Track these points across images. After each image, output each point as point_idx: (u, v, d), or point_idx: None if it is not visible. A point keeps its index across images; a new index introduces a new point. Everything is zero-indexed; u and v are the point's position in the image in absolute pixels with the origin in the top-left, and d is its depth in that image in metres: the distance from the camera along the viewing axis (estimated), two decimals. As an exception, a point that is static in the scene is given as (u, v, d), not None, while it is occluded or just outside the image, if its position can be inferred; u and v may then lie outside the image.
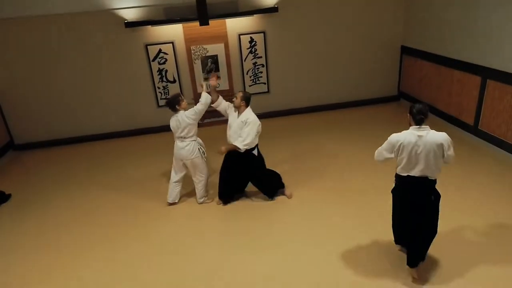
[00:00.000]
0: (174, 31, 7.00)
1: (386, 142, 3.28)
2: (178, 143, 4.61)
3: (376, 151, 3.41)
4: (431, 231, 3.34)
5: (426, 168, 3.11)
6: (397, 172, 3.31)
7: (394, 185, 3.43)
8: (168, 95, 7.40)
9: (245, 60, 7.43)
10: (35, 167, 6.57)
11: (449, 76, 6.40)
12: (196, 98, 7.41)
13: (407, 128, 3.22)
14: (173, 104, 4.53)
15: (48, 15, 6.48)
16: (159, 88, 7.36)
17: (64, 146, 7.34)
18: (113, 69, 7.11)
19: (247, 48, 7.35)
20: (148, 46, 7.02)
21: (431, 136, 3.08)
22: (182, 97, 4.67)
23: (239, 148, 4.35)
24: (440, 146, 3.07)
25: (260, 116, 7.65)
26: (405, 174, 3.22)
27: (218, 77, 4.43)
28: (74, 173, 6.13)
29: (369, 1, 7.36)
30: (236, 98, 4.45)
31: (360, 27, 7.53)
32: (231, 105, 4.62)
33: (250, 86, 7.62)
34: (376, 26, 7.58)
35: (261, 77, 7.62)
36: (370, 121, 7.23)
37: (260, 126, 4.47)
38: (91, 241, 4.37)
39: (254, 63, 7.49)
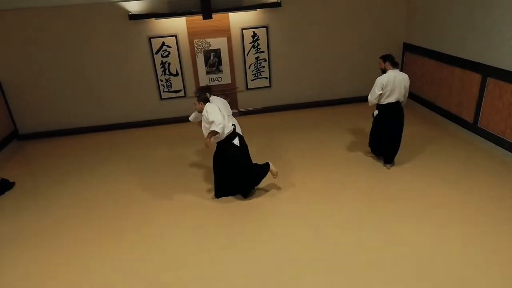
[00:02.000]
0: (177, 24, 7.04)
1: (376, 84, 4.89)
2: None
3: (369, 96, 5.00)
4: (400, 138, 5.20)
5: (399, 95, 4.93)
6: (381, 103, 5.01)
7: (376, 115, 5.16)
8: (171, 88, 7.48)
9: (247, 55, 7.47)
10: (38, 156, 6.66)
11: (450, 74, 6.43)
12: (198, 92, 7.50)
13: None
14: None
15: (53, 7, 6.54)
16: (161, 80, 7.42)
17: (67, 137, 7.43)
18: (116, 61, 7.17)
19: (250, 43, 7.39)
20: (151, 39, 7.07)
21: (401, 74, 4.91)
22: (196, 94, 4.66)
23: (217, 132, 4.27)
24: (407, 80, 4.94)
25: (262, 111, 7.87)
26: (386, 102, 4.96)
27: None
28: (77, 163, 6.22)
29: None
30: (196, 105, 4.50)
31: (362, 24, 7.55)
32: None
33: (252, 80, 7.67)
34: (378, 23, 7.60)
35: (263, 71, 7.66)
36: (370, 118, 7.24)
37: (219, 109, 4.40)
38: (92, 230, 4.45)
39: (257, 58, 7.53)
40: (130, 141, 7.02)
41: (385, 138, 5.18)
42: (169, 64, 7.31)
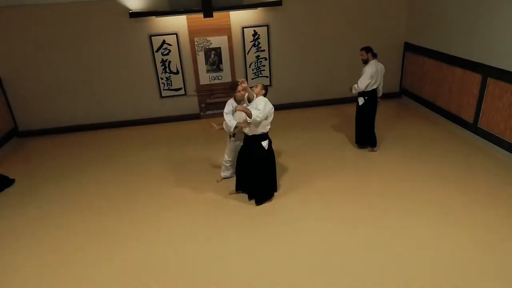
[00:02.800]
0: (178, 23, 7.04)
1: (367, 73, 5.42)
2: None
3: (359, 84, 5.50)
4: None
5: (380, 81, 5.61)
6: (367, 90, 5.55)
7: (362, 102, 5.70)
8: (171, 86, 7.48)
9: (248, 53, 7.46)
10: (38, 153, 6.66)
11: (450, 74, 6.43)
12: (198, 90, 7.52)
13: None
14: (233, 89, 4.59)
15: (54, 4, 6.54)
16: (162, 79, 7.42)
17: (67, 134, 7.43)
18: (117, 59, 7.17)
19: (250, 41, 7.39)
20: (152, 37, 7.07)
21: (379, 64, 5.54)
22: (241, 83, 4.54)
23: (250, 115, 4.11)
24: (384, 69, 5.60)
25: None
26: (371, 89, 5.57)
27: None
28: (77, 161, 6.22)
29: (373, -3, 7.40)
30: (257, 87, 4.41)
31: (363, 23, 7.55)
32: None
33: (252, 79, 7.67)
34: (379, 22, 7.59)
35: (264, 70, 7.66)
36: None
37: (273, 110, 4.34)
38: (92, 227, 4.46)
39: (257, 56, 7.53)
40: (130, 139, 7.02)
41: (368, 123, 5.79)
42: (169, 62, 7.31)
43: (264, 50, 7.49)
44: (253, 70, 7.61)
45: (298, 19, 7.35)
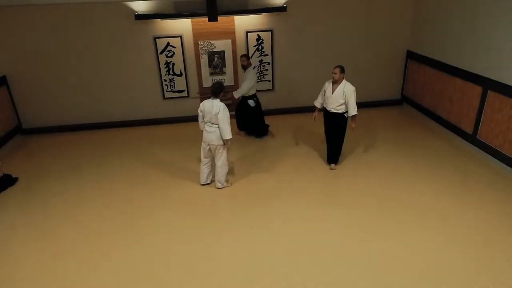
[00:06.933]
0: (183, 25, 7.09)
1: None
2: (206, 128, 4.96)
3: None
4: None
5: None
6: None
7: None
8: (174, 88, 7.53)
9: (251, 57, 7.50)
10: (42, 151, 6.73)
11: (451, 84, 6.48)
12: (201, 92, 7.57)
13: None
14: (218, 91, 4.88)
15: (60, 4, 6.59)
16: (165, 80, 7.47)
17: (70, 133, 7.50)
18: (121, 60, 7.23)
19: (254, 46, 7.43)
20: (156, 39, 7.12)
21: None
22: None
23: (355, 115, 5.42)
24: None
25: (264, 113, 7.89)
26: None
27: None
28: (80, 159, 6.29)
29: (377, 5, 7.41)
30: (336, 74, 5.23)
31: (367, 30, 7.59)
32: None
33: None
34: (383, 30, 7.63)
35: (267, 74, 7.71)
36: (371, 123, 7.30)
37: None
38: (94, 225, 4.53)
39: (260, 61, 7.58)
40: (133, 139, 7.09)
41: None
42: (173, 64, 7.36)
43: (267, 55, 7.54)
44: (256, 74, 7.64)
45: (302, 25, 7.40)
